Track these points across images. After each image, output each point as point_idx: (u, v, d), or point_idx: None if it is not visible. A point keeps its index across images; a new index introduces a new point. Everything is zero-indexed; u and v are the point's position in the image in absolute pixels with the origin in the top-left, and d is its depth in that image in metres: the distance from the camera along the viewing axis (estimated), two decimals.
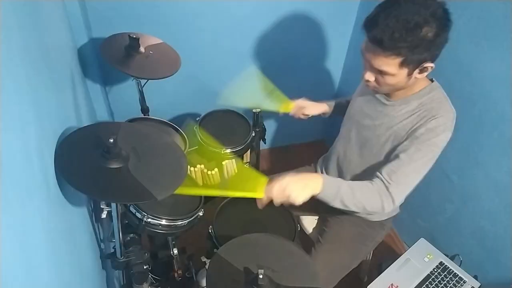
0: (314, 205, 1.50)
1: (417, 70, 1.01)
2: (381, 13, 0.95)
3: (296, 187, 1.02)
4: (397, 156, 1.09)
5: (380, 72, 1.03)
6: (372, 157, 1.23)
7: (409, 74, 1.02)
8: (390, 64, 0.99)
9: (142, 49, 1.42)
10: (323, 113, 1.51)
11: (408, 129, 1.11)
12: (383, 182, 1.08)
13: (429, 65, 1.00)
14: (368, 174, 1.25)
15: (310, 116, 1.48)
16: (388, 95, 1.18)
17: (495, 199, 1.40)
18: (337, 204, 1.08)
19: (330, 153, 1.45)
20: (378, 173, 1.11)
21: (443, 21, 0.94)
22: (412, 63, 0.98)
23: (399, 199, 1.09)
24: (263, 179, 1.09)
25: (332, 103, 1.51)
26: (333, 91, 2.33)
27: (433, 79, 1.15)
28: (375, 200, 1.07)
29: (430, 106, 1.09)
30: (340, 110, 1.46)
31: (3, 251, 0.45)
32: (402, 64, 0.98)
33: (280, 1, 1.78)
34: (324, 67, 2.18)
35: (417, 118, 1.10)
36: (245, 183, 1.14)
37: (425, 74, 1.03)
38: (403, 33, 0.92)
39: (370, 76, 1.07)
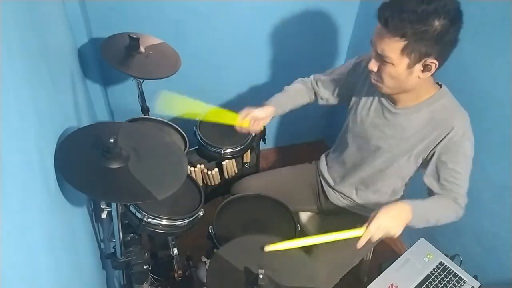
0: (314, 201, 1.51)
1: (419, 65, 0.99)
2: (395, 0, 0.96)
3: (394, 226, 1.04)
4: (444, 177, 1.13)
5: (382, 60, 1.02)
6: (383, 165, 1.24)
7: (410, 67, 1.00)
8: (393, 48, 0.98)
9: (142, 49, 1.42)
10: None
11: (425, 140, 1.11)
12: (453, 201, 1.14)
13: (433, 61, 0.98)
14: (376, 180, 1.29)
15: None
16: (394, 102, 1.16)
17: (495, 199, 1.40)
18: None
19: (334, 156, 1.43)
20: (443, 196, 1.15)
21: (454, 18, 0.94)
22: (414, 53, 0.96)
23: (465, 202, 1.17)
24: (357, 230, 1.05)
25: (273, 103, 1.35)
26: None
27: (441, 84, 1.13)
28: (452, 215, 1.15)
29: (443, 116, 1.08)
30: (283, 108, 1.37)
31: (3, 251, 0.45)
32: (403, 51, 0.97)
33: (280, 1, 1.78)
34: (324, 68, 2.17)
35: (432, 130, 1.10)
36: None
37: (429, 73, 1.01)
38: (411, 16, 0.92)
39: (373, 65, 1.05)
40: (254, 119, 1.26)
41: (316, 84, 1.41)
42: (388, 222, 1.02)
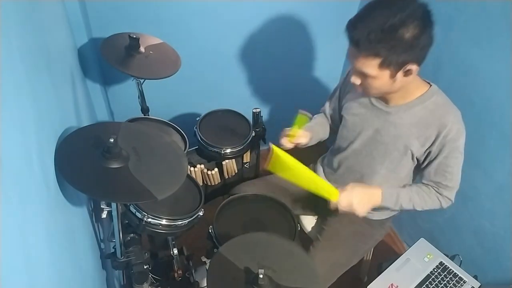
0: (314, 205, 1.51)
1: (400, 73, 1.01)
2: (360, 17, 0.99)
3: (361, 208, 1.15)
4: (436, 169, 1.16)
5: (363, 75, 1.05)
6: (380, 166, 1.25)
7: (392, 76, 1.02)
8: (370, 66, 1.00)
9: (142, 49, 1.42)
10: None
11: (421, 137, 1.13)
12: (436, 191, 1.19)
13: (413, 67, 1.00)
14: (372, 180, 1.28)
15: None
16: (385, 101, 1.17)
17: (495, 199, 1.40)
18: (397, 209, 1.24)
19: (331, 159, 1.43)
20: (427, 184, 1.20)
21: (423, 22, 0.94)
22: (392, 65, 0.99)
23: (454, 196, 1.21)
24: (334, 190, 1.16)
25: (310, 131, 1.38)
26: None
27: (431, 83, 1.14)
28: (434, 203, 1.20)
29: (436, 114, 1.10)
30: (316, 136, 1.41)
31: (3, 251, 0.45)
32: (381, 65, 0.99)
33: (279, 1, 1.78)
34: (324, 67, 2.18)
35: (426, 127, 1.11)
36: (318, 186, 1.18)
37: (411, 76, 1.03)
38: (379, 34, 0.94)
39: (355, 79, 1.09)
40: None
41: (325, 112, 1.47)
42: (357, 204, 1.13)
